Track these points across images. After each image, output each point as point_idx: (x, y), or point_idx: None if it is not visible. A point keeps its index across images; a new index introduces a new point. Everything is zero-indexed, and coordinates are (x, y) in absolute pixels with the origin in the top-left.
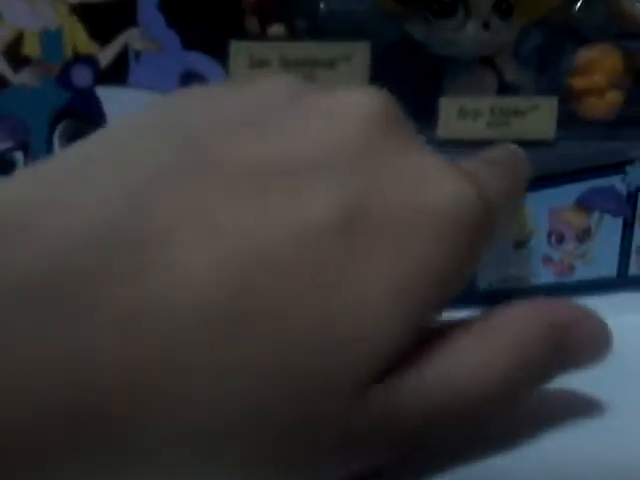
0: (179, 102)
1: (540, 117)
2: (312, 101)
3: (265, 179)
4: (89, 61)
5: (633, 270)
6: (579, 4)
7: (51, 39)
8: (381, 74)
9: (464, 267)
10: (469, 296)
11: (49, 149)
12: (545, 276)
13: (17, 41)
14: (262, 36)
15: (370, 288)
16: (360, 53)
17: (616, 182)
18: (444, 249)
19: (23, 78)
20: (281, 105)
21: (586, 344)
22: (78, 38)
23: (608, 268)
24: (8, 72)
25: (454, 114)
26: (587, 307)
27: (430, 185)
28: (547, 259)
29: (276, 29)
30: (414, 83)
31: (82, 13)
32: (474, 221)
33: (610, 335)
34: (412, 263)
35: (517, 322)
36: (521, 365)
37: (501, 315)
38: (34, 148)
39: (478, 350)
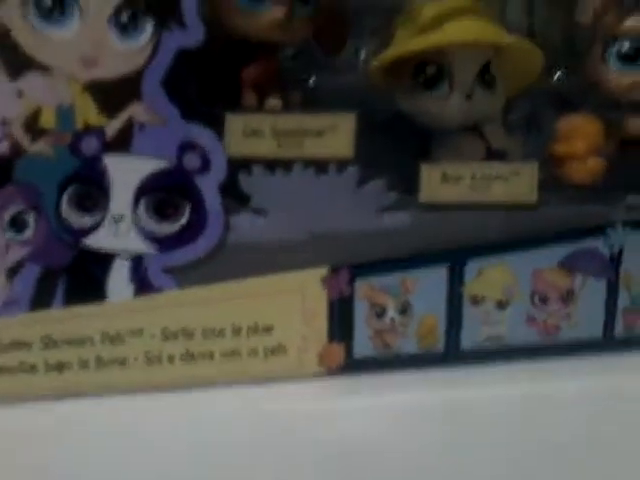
0: None
1: (522, 182)
2: None
3: None
4: (97, 132)
5: (619, 331)
6: (557, 74)
7: (65, 113)
8: (370, 142)
9: None
10: (453, 355)
11: (58, 211)
12: (530, 336)
13: (35, 115)
14: (259, 108)
15: None
16: (346, 123)
17: (598, 244)
18: None
19: (38, 147)
20: None
21: None
22: (89, 111)
23: (594, 329)
24: (26, 142)
25: (437, 179)
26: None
27: None
28: (531, 319)
29: (273, 102)
30: (403, 151)
31: (93, 89)
32: None
33: None
34: None
35: None
36: None
37: None
38: (45, 210)
39: None
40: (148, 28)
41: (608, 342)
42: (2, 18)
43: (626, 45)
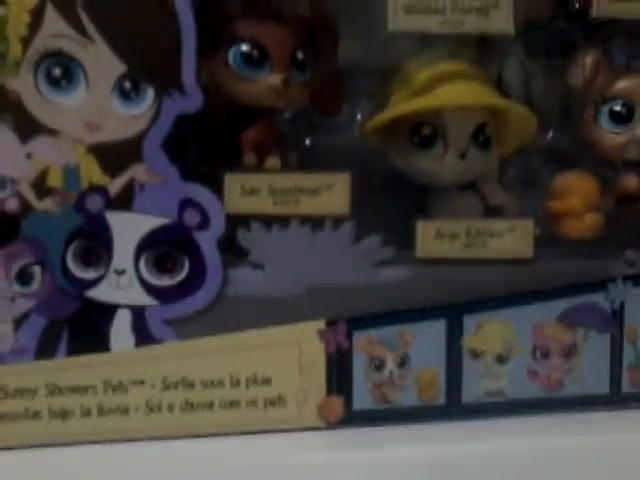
0: None
1: (518, 238)
2: None
3: None
4: (101, 191)
5: (626, 388)
6: (550, 134)
7: (71, 173)
8: (369, 200)
9: None
10: (454, 410)
11: (63, 265)
12: (532, 390)
13: (43, 175)
14: (259, 168)
15: None
16: (341, 182)
17: (599, 299)
18: None
19: (45, 205)
20: None
21: None
22: (93, 172)
23: (600, 385)
24: (34, 200)
25: (432, 235)
26: None
27: None
28: (533, 374)
29: (272, 162)
30: (402, 208)
31: (97, 151)
32: None
33: None
34: None
35: None
36: None
37: None
38: (51, 264)
39: None
40: (149, 95)
41: (615, 399)
42: (15, 87)
43: (617, 106)
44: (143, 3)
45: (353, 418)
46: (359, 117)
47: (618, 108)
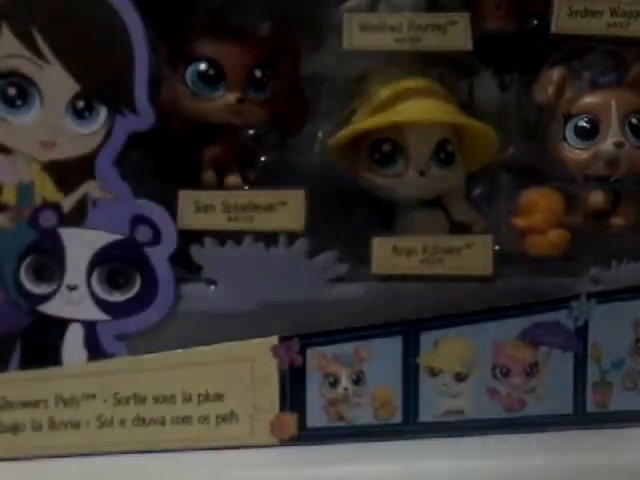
0: None
1: (476, 254)
2: None
3: None
4: (54, 207)
5: (591, 407)
6: (510, 149)
7: (25, 190)
8: (331, 217)
9: None
10: (412, 428)
11: (16, 280)
12: (493, 410)
13: None
14: (219, 186)
15: None
16: (296, 199)
17: (562, 317)
18: None
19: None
20: None
21: None
22: (47, 188)
23: (563, 404)
24: None
25: (388, 252)
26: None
27: None
28: (493, 392)
29: (233, 179)
30: (366, 225)
31: (51, 168)
32: None
33: None
34: None
35: None
36: None
37: None
38: (4, 279)
39: None
40: (102, 114)
41: (579, 418)
42: None
43: (582, 121)
44: (97, 24)
45: (307, 436)
46: (320, 134)
47: (583, 123)
